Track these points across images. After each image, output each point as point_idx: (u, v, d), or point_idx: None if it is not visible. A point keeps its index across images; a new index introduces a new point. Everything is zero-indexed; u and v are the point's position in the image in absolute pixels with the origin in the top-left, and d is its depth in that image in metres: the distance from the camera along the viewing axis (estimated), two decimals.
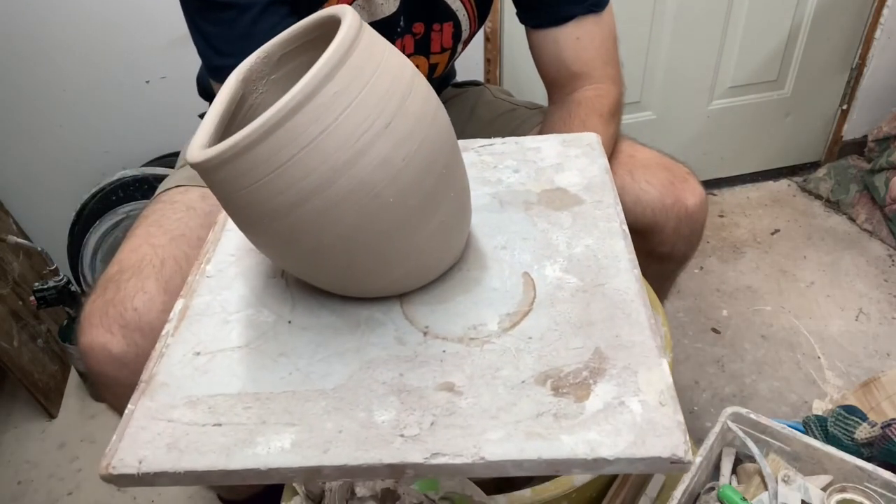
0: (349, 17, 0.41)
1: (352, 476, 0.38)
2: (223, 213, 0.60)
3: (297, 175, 0.38)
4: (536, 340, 0.44)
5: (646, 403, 0.38)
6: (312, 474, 0.38)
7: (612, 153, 0.84)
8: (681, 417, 0.37)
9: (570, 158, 0.60)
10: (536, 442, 0.37)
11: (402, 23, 0.83)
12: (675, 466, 0.36)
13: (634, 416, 0.38)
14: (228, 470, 0.38)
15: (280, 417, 0.40)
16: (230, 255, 0.55)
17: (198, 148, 0.41)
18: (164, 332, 0.48)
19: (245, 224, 0.43)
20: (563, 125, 0.84)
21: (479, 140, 0.65)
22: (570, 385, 0.40)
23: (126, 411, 0.43)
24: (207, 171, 0.40)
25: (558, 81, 0.88)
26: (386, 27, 0.83)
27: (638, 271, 0.49)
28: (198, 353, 0.46)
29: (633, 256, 0.49)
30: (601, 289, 0.47)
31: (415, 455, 0.37)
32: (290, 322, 0.48)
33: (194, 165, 0.40)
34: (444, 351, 0.44)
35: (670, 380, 0.40)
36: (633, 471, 0.36)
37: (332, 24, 0.42)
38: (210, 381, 0.44)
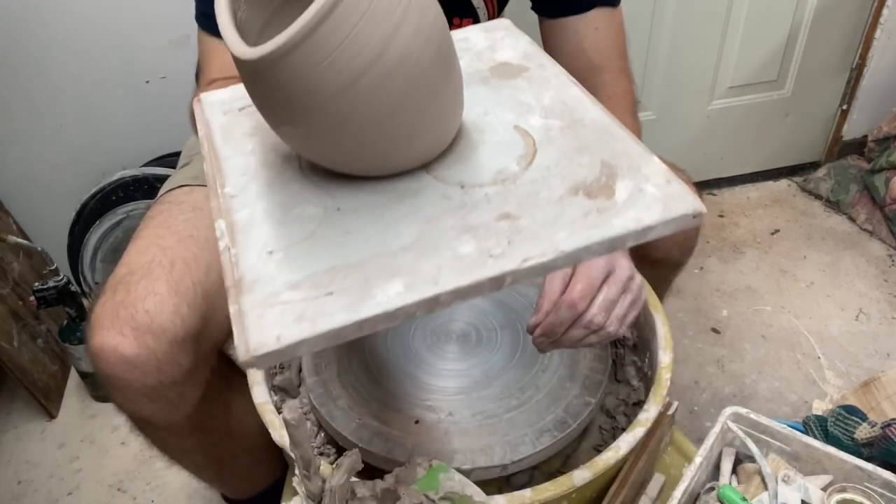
0: None
1: (464, 297, 0.43)
2: (210, 148, 0.60)
3: (353, 52, 0.43)
4: (554, 167, 0.51)
5: (658, 185, 0.47)
6: (432, 304, 0.43)
7: None
8: (688, 187, 0.47)
9: (497, 40, 0.67)
10: (596, 230, 0.45)
11: None
12: (697, 220, 0.46)
13: (656, 195, 0.47)
14: (361, 320, 0.42)
15: (381, 273, 0.45)
16: (241, 175, 0.56)
17: (243, 47, 0.43)
18: (222, 248, 0.49)
19: (291, 117, 0.46)
20: None
21: None
22: (597, 188, 0.48)
23: (232, 311, 0.44)
24: (262, 69, 0.43)
25: (577, 73, 0.88)
26: None
27: (601, 106, 0.56)
28: (270, 252, 0.48)
29: (593, 97, 0.57)
30: (581, 122, 0.55)
31: (509, 265, 0.43)
32: (338, 209, 0.51)
33: (248, 63, 0.42)
34: (486, 194, 0.50)
35: (665, 166, 0.49)
36: (669, 231, 0.45)
37: None
38: (299, 267, 0.46)
